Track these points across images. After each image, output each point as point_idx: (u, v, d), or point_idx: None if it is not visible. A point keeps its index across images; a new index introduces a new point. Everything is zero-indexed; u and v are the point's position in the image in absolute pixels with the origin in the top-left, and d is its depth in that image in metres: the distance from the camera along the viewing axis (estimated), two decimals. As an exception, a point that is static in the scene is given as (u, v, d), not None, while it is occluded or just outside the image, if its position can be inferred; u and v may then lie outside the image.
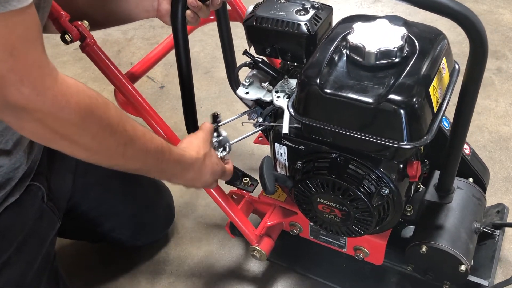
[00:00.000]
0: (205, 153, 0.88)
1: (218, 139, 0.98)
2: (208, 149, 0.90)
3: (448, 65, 0.85)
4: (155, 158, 0.77)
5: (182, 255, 1.29)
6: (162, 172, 0.82)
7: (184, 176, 0.86)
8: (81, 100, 0.62)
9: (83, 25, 0.88)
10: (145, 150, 0.74)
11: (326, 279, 1.15)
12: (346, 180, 0.85)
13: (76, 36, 0.87)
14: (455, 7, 0.65)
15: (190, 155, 0.85)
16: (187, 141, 0.90)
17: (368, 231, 0.91)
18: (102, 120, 0.66)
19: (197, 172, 0.87)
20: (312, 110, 0.82)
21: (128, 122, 0.71)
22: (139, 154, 0.74)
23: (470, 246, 0.98)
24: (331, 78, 0.79)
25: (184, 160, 0.84)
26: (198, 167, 0.87)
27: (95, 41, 0.91)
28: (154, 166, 0.78)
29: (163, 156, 0.78)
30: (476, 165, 1.08)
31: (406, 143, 0.76)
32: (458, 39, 1.83)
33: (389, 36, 0.78)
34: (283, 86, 0.96)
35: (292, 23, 0.91)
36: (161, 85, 1.84)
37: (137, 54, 1.99)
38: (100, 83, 1.83)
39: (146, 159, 0.76)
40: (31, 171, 0.89)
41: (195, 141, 0.89)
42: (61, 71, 0.62)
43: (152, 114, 0.98)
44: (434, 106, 0.79)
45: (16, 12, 0.53)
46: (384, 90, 0.75)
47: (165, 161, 0.79)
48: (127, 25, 2.16)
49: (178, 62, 0.94)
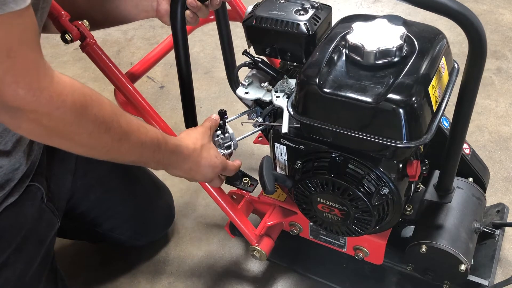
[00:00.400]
0: (202, 144, 0.89)
1: (223, 136, 0.97)
2: (207, 141, 0.91)
3: (447, 64, 0.85)
4: (151, 150, 0.78)
5: (182, 255, 1.29)
6: (159, 162, 0.83)
7: (181, 167, 0.87)
8: (76, 99, 0.63)
9: (83, 24, 0.88)
10: (140, 143, 0.75)
11: (326, 279, 1.15)
12: (346, 179, 0.85)
13: (77, 36, 0.87)
14: (454, 6, 0.65)
15: (187, 145, 0.86)
16: (185, 132, 0.91)
17: (368, 231, 0.91)
18: (97, 118, 0.66)
19: (194, 163, 0.88)
20: (312, 110, 0.82)
21: (123, 117, 0.72)
22: (135, 148, 0.75)
23: (470, 245, 0.98)
24: (330, 78, 0.79)
25: (180, 151, 0.84)
26: (195, 158, 0.87)
27: (95, 40, 0.91)
28: (150, 157, 0.79)
29: (159, 148, 0.79)
30: (476, 164, 1.08)
31: (405, 142, 0.76)
32: (458, 39, 1.83)
33: (388, 35, 0.78)
34: (283, 86, 0.96)
35: (291, 23, 0.91)
36: (161, 85, 1.84)
37: (137, 54, 1.99)
38: (100, 83, 1.83)
39: (142, 151, 0.77)
40: (30, 172, 0.89)
41: (193, 133, 0.90)
42: (61, 71, 0.62)
43: (152, 114, 0.98)
44: (434, 106, 0.79)
45: (13, 14, 0.53)
46: (383, 89, 0.75)
47: (162, 152, 0.80)
48: (127, 25, 2.16)
49: (178, 62, 0.94)
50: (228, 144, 1.00)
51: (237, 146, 1.02)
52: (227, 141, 1.00)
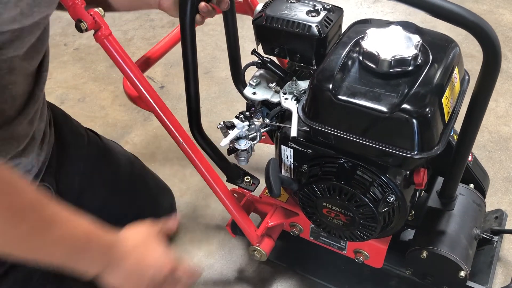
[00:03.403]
0: (147, 240, 0.73)
1: (249, 127, 0.96)
2: (153, 239, 0.74)
3: (459, 73, 0.84)
4: (79, 248, 0.64)
5: (182, 255, 1.28)
6: (92, 262, 0.66)
7: (120, 269, 0.68)
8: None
9: (99, 13, 0.84)
10: (66, 237, 0.62)
11: (325, 281, 1.15)
12: (353, 186, 0.85)
13: (92, 25, 0.83)
14: (471, 17, 0.65)
15: (126, 241, 0.70)
16: (127, 229, 0.75)
17: (372, 237, 0.91)
18: (8, 206, 0.56)
19: (136, 262, 0.69)
20: (323, 116, 0.81)
21: (47, 207, 0.60)
22: (56, 243, 0.61)
23: (470, 252, 0.99)
24: (344, 84, 0.78)
25: (118, 247, 0.68)
26: (136, 256, 0.70)
27: (111, 31, 0.87)
28: (79, 256, 0.64)
29: (90, 244, 0.65)
30: (477, 171, 1.09)
31: (417, 153, 0.76)
32: (458, 39, 1.78)
33: (403, 43, 0.77)
34: (291, 88, 0.95)
35: (303, 24, 0.89)
36: (161, 85, 1.82)
37: (137, 54, 1.96)
38: (100, 83, 1.80)
39: (68, 248, 0.63)
40: (40, 172, 0.87)
41: (135, 228, 0.75)
42: (61, 71, 0.60)
43: (164, 108, 0.95)
44: (446, 117, 0.79)
45: None
46: (397, 99, 0.75)
47: (93, 250, 0.65)
48: (127, 25, 2.12)
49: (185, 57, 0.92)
50: (253, 135, 0.99)
51: (262, 137, 1.01)
52: (253, 133, 0.99)
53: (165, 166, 1.50)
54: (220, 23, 1.07)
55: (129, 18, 2.16)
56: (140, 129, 1.65)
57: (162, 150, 1.56)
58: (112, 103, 1.76)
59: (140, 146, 1.59)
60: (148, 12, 2.19)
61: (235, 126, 0.96)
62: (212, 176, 1.01)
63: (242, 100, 1.05)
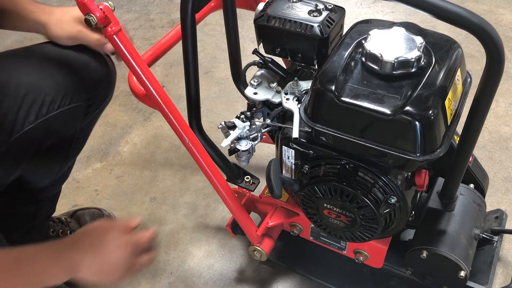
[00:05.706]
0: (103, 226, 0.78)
1: (250, 128, 0.96)
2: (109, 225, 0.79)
3: (461, 75, 0.84)
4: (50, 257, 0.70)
5: (182, 255, 1.28)
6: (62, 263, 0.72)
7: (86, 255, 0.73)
8: None
9: (109, 7, 0.81)
10: None
11: (325, 281, 1.15)
12: (355, 187, 0.85)
13: (101, 20, 0.80)
14: (475, 20, 0.65)
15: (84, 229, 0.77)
16: None
17: (373, 238, 0.91)
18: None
19: (97, 243, 0.74)
20: (326, 117, 0.81)
21: None
22: None
23: (470, 252, 0.99)
24: (347, 86, 0.78)
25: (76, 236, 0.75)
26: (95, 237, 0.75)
27: (120, 27, 0.84)
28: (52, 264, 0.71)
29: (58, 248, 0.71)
30: (477, 171, 1.09)
31: (419, 155, 0.76)
32: (458, 39, 1.76)
33: (406, 45, 0.77)
34: (293, 88, 0.95)
35: (305, 24, 0.89)
36: (161, 85, 1.81)
37: None
38: None
39: None
40: None
41: None
42: None
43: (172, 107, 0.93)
44: (448, 119, 0.78)
45: None
46: (400, 101, 0.74)
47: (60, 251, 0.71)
48: (127, 25, 2.06)
49: (185, 57, 0.91)
50: (254, 136, 0.98)
51: (263, 137, 1.00)
52: (254, 133, 0.98)
53: (165, 166, 1.49)
54: (220, 23, 1.07)
55: (129, 18, 2.14)
56: (140, 129, 1.64)
57: (162, 150, 1.55)
58: (112, 103, 1.73)
59: (140, 146, 1.58)
60: (148, 12, 2.18)
61: (236, 127, 0.95)
62: (216, 176, 1.00)
63: (242, 100, 1.05)
